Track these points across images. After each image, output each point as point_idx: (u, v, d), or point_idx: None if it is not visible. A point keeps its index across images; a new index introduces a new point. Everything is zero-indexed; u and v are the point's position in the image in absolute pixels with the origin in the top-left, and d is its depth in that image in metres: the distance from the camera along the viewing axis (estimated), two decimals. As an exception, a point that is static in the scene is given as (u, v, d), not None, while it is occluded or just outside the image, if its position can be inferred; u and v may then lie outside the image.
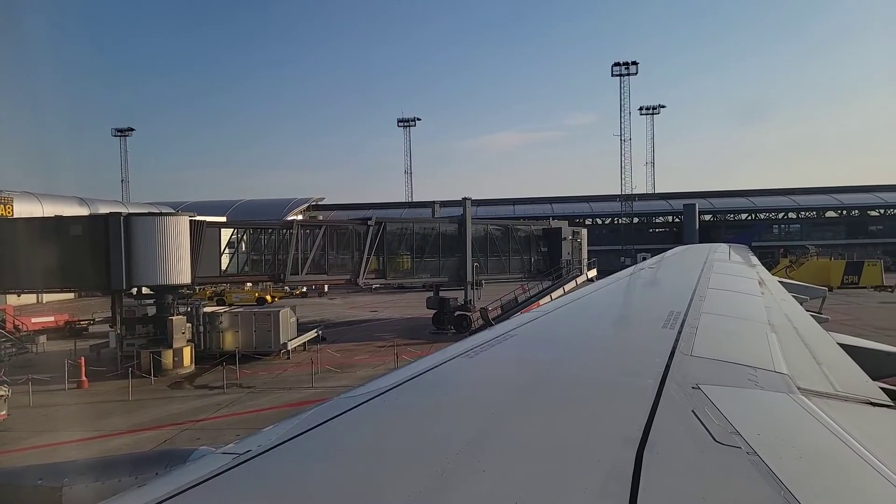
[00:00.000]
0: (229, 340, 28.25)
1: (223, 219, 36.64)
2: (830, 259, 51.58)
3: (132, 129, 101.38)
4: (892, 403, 2.95)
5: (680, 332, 3.95)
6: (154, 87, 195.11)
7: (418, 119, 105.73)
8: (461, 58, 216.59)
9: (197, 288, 37.92)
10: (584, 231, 43.63)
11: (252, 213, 73.47)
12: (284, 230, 31.43)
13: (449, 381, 3.11)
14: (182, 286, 27.48)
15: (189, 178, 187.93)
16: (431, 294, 38.21)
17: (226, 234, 29.96)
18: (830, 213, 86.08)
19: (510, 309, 33.51)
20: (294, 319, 30.26)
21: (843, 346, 4.41)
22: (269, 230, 32.52)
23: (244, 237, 31.94)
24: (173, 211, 30.86)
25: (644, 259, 16.51)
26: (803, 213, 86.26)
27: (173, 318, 26.29)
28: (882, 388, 3.27)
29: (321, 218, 61.01)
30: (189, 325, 27.27)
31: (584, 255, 41.58)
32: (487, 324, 28.74)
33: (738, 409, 2.43)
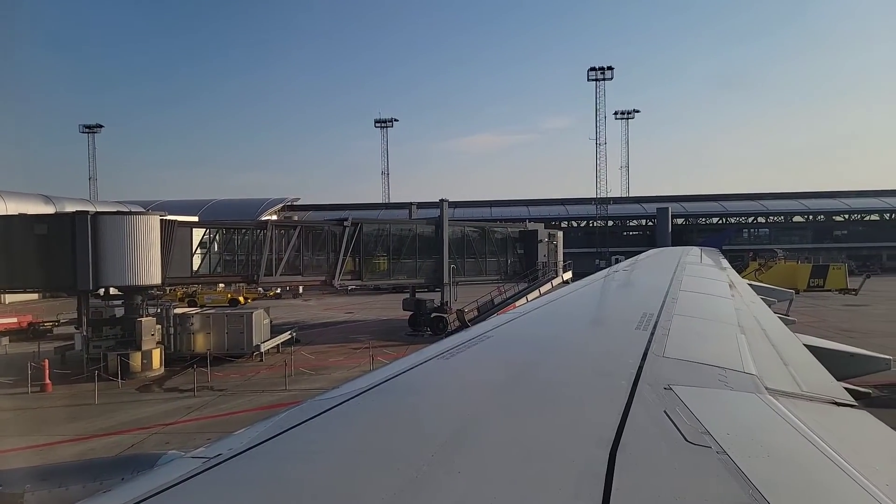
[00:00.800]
0: (200, 342, 27.77)
1: (195, 218, 35.98)
2: (797, 263, 52.84)
3: (100, 126, 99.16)
4: (855, 403, 3.03)
5: (653, 334, 4.00)
6: (129, 87, 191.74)
7: (396, 120, 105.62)
8: (439, 60, 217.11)
9: (167, 289, 37.21)
10: (560, 233, 44.06)
11: (225, 214, 72.41)
12: (258, 230, 31.04)
13: (425, 383, 3.10)
14: (152, 287, 26.94)
15: (163, 178, 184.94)
16: (408, 296, 38.13)
17: (198, 233, 29.48)
18: (798, 218, 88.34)
19: (486, 311, 33.61)
20: (267, 321, 29.90)
21: (809, 347, 4.52)
22: (243, 230, 32.09)
23: (217, 237, 31.46)
24: (143, 210, 30.26)
25: (618, 261, 16.72)
26: (772, 217, 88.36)
27: (142, 319, 25.75)
28: (846, 389, 3.37)
29: (296, 218, 60.34)
30: (159, 326, 26.77)
31: (560, 257, 41.97)
32: (464, 325, 28.77)
33: (709, 409, 2.47)
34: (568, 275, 39.99)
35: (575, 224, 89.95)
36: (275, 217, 74.52)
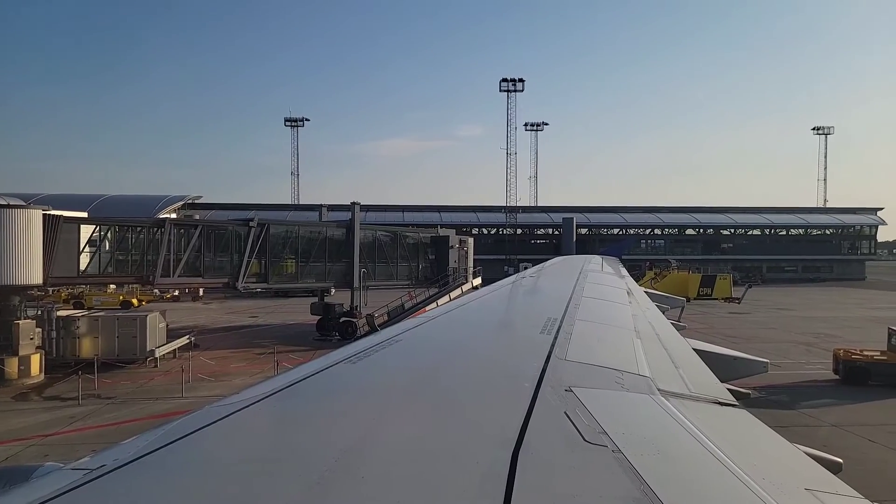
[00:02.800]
0: (87, 347, 25.98)
1: (84, 214, 33.22)
2: (688, 272, 56.91)
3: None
4: (736, 403, 3.27)
5: (556, 338, 4.13)
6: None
7: (306, 119, 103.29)
8: (353, 63, 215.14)
9: (50, 289, 34.18)
10: (471, 240, 44.77)
11: (119, 210, 67.26)
12: (155, 228, 29.19)
13: (330, 388, 3.03)
14: (31, 287, 24.78)
15: (44, 169, 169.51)
16: (316, 300, 37.29)
17: (86, 230, 27.44)
18: (690, 231, 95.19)
19: (397, 315, 33.50)
20: (163, 325, 28.35)
21: (697, 351, 4.84)
22: (138, 228, 30.07)
23: (108, 235, 29.34)
24: (23, 203, 27.60)
25: (526, 268, 17.24)
26: (667, 229, 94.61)
27: (20, 322, 23.91)
28: (729, 389, 3.64)
29: (197, 217, 57.44)
30: (39, 330, 24.84)
31: (470, 263, 42.65)
32: (373, 330, 28.51)
33: (606, 410, 2.58)
34: (478, 280, 40.72)
35: (485, 231, 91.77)
36: (174, 215, 70.39)
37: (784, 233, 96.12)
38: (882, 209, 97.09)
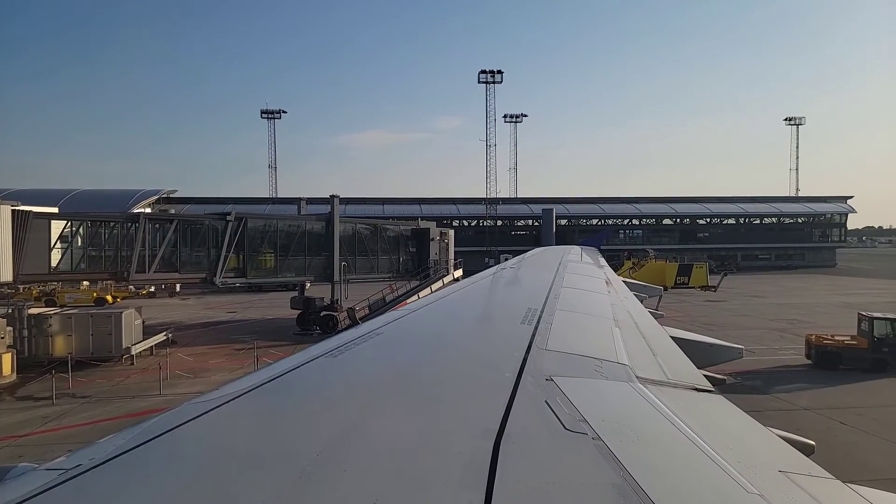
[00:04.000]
0: (61, 345, 25.48)
1: (55, 209, 32.45)
2: (666, 262, 57.66)
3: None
4: (713, 389, 3.34)
5: (536, 328, 4.16)
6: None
7: (284, 111, 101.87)
8: (331, 55, 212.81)
9: (21, 287, 33.37)
10: (451, 232, 44.80)
11: (92, 205, 65.82)
12: (129, 223, 28.63)
13: (311, 382, 3.01)
14: (1, 285, 24.07)
15: (12, 163, 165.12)
16: (296, 294, 37.01)
17: (58, 226, 26.85)
18: (667, 221, 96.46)
19: (378, 308, 33.44)
20: (139, 321, 27.93)
21: (674, 339, 4.91)
22: (112, 223, 29.45)
23: (81, 230, 28.67)
24: (-9, 198, 26.81)
25: (506, 260, 17.32)
26: (645, 220, 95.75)
27: (-11, 320, 23.05)
28: (705, 376, 3.70)
29: (173, 212, 56.47)
30: (10, 328, 24.25)
31: (451, 255, 42.69)
32: (354, 324, 28.42)
33: (586, 398, 2.61)
34: (458, 272, 40.80)
35: (466, 223, 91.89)
36: (149, 210, 69.14)
37: (758, 221, 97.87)
38: (852, 197, 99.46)
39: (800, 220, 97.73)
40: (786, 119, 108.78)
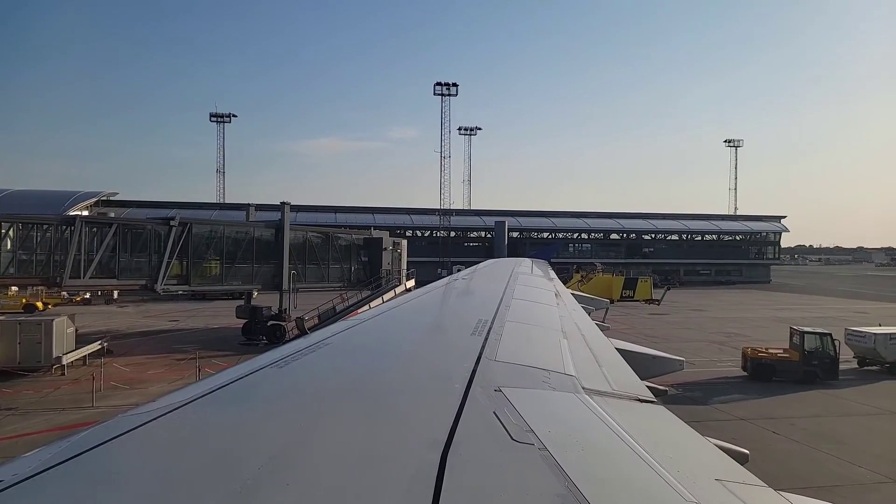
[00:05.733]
0: (-16, 355, 23.77)
1: (-17, 210, 30.74)
2: (613, 275, 59.23)
3: None
4: (655, 400, 3.43)
5: (486, 339, 4.18)
6: None
7: (234, 115, 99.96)
8: (281, 56, 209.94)
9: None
10: (405, 242, 44.70)
11: (23, 206, 62.31)
12: (64, 227, 27.30)
13: (255, 393, 2.92)
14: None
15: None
16: (242, 302, 36.04)
17: (-15, 228, 25.23)
18: (614, 236, 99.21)
19: (328, 318, 32.92)
20: (72, 329, 26.61)
21: (620, 350, 5.03)
22: (45, 226, 28.03)
23: (10, 233, 27.15)
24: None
25: (459, 271, 17.42)
26: (593, 234, 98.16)
27: None
28: (648, 387, 3.80)
29: (112, 215, 54.18)
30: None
31: (404, 265, 42.55)
32: (303, 333, 27.88)
33: (534, 408, 2.63)
34: (411, 283, 40.69)
35: (419, 233, 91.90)
36: (86, 213, 66.13)
37: (699, 238, 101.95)
38: (785, 217, 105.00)
39: (737, 238, 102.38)
40: (725, 141, 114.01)
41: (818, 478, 14.99)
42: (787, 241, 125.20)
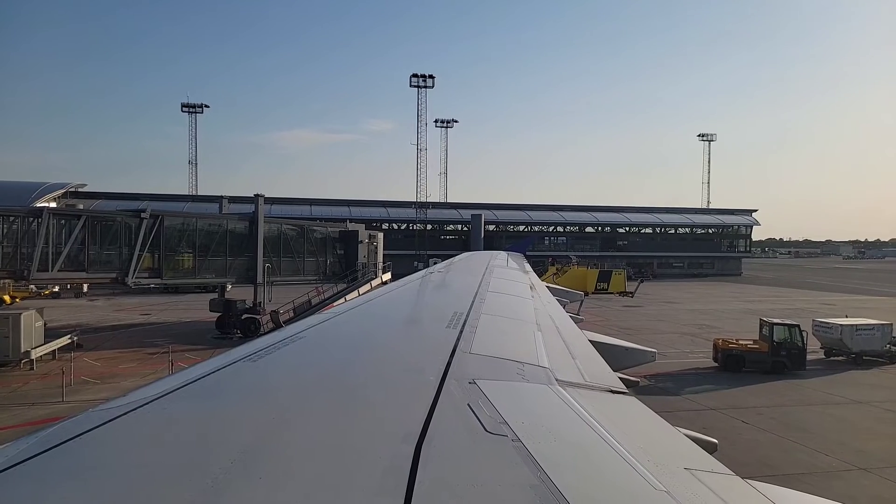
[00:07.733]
0: (-53, 350, 23.12)
1: (-56, 201, 29.77)
2: (587, 268, 59.82)
3: None
4: (627, 391, 3.48)
5: (461, 332, 4.19)
6: None
7: (206, 106, 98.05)
8: (254, 47, 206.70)
9: None
10: (381, 235, 44.51)
11: (-12, 197, 60.69)
12: (31, 218, 26.60)
13: (228, 387, 2.89)
14: None
15: None
16: (216, 296, 35.56)
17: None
18: (589, 229, 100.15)
19: (303, 312, 32.71)
20: (41, 323, 26.01)
21: (593, 342, 5.09)
22: (11, 217, 27.28)
23: (-26, 225, 26.35)
24: None
25: (435, 264, 17.42)
26: (569, 227, 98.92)
27: None
28: (620, 378, 3.86)
29: (81, 207, 52.89)
30: None
31: (380, 258, 42.38)
32: (278, 327, 27.64)
33: (508, 400, 2.65)
34: (387, 276, 40.57)
35: (396, 226, 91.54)
36: (54, 204, 64.42)
37: (672, 231, 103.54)
38: (756, 210, 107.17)
39: (710, 231, 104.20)
40: (699, 135, 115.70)
41: (785, 466, 15.42)
42: (758, 235, 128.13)
